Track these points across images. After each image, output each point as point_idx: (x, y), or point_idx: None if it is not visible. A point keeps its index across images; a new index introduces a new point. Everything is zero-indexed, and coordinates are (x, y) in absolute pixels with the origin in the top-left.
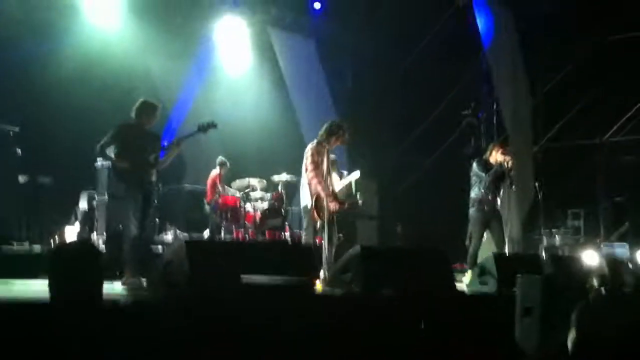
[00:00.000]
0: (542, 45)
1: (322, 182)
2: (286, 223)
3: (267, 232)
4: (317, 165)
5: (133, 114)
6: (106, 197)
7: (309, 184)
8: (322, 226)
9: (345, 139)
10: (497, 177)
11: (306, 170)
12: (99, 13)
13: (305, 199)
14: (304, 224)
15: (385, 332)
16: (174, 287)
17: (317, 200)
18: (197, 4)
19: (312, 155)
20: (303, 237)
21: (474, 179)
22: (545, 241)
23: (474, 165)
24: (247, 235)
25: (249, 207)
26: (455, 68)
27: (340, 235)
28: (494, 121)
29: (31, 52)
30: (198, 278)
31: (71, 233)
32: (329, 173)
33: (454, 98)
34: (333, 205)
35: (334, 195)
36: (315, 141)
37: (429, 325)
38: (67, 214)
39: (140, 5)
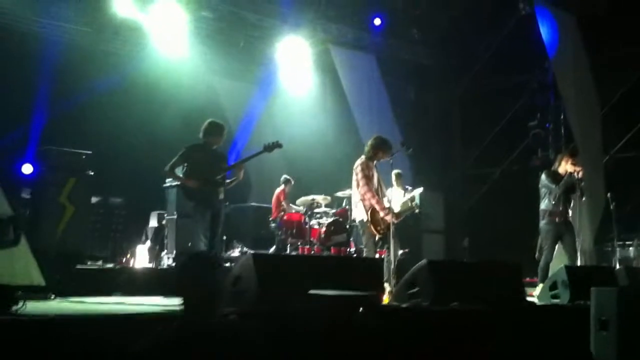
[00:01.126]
0: (610, 51)
1: (375, 196)
2: (351, 239)
3: (332, 248)
4: (368, 180)
5: (201, 135)
6: (175, 216)
7: (363, 199)
8: (381, 240)
9: (391, 152)
10: (568, 188)
11: (357, 186)
12: (165, 38)
13: (360, 214)
14: (363, 240)
15: (455, 347)
16: (243, 302)
17: (373, 214)
18: (259, 27)
19: (362, 170)
20: (364, 252)
21: (543, 190)
22: (619, 253)
23: (543, 176)
24: (312, 251)
25: (313, 223)
26: (520, 78)
27: (407, 249)
28: (562, 131)
29: (101, 79)
30: (266, 292)
31: (142, 252)
32: (380, 187)
33: (519, 109)
34: (389, 218)
35: (388, 208)
36: (363, 157)
37: (501, 340)
38: (138, 234)
39: (204, 30)
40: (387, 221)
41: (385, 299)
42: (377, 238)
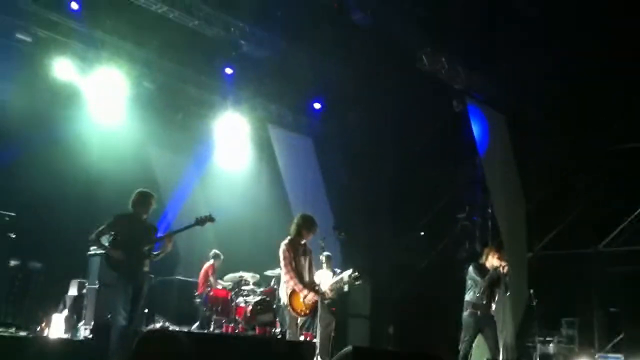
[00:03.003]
0: (537, 152)
1: (294, 278)
2: (277, 319)
3: (257, 328)
4: (289, 262)
5: (130, 205)
6: (96, 285)
7: (285, 281)
8: (305, 322)
9: (316, 230)
10: (493, 282)
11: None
12: (102, 106)
13: (284, 295)
14: (287, 320)
15: None
16: None
17: (292, 296)
18: (198, 102)
19: (284, 252)
20: (287, 334)
21: (469, 282)
22: (539, 349)
23: (471, 268)
24: (237, 330)
25: (240, 301)
26: (452, 171)
27: (332, 334)
28: (489, 225)
29: (32, 140)
30: None
31: (59, 321)
32: (309, 267)
33: (449, 201)
34: (311, 297)
35: (310, 287)
36: (287, 238)
37: None
38: (56, 302)
39: (143, 100)
40: (310, 301)
41: None
42: (299, 320)
